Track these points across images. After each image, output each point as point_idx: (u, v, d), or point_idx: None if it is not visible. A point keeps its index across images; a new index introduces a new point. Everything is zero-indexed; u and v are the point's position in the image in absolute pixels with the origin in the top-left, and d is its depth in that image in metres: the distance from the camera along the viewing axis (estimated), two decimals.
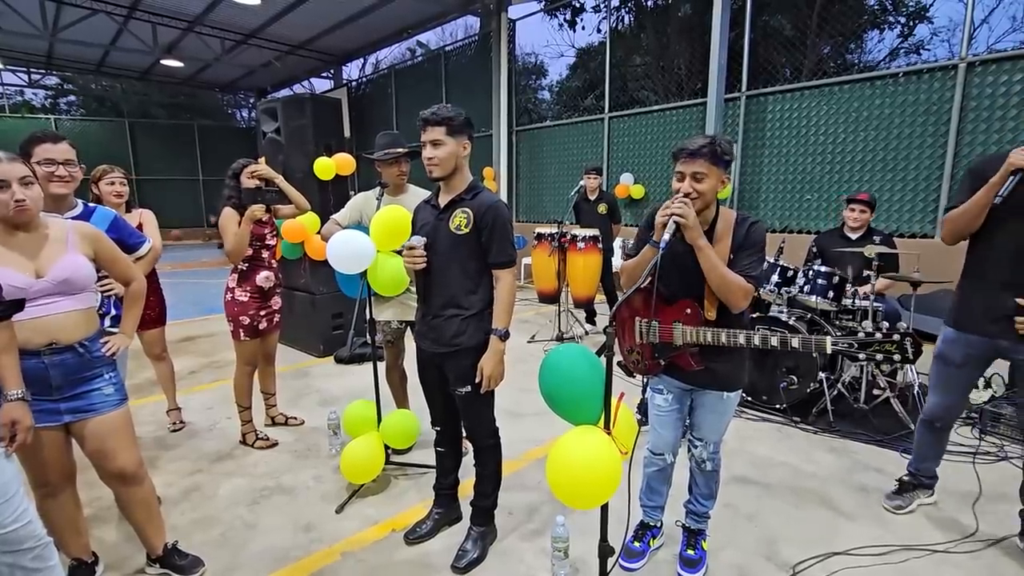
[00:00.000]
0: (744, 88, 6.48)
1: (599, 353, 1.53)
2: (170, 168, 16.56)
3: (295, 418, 3.44)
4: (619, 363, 2.18)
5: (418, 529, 2.27)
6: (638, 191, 7.52)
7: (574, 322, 5.54)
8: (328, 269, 2.56)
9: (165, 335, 3.27)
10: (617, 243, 5.95)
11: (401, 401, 3.07)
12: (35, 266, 1.64)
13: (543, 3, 9.49)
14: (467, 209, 1.95)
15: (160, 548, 2.02)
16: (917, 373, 3.47)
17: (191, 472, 2.86)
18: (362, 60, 13.75)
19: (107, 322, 2.27)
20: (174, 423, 3.37)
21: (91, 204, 2.28)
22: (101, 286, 2.17)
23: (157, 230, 2.85)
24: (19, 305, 1.54)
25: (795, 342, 1.71)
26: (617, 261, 5.72)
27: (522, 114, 9.70)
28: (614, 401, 1.55)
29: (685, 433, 2.06)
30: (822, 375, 3.30)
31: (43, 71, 15.31)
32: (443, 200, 2.01)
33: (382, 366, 2.94)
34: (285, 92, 15.61)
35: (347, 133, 11.49)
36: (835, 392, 3.39)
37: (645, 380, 1.93)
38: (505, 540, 2.25)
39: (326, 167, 4.52)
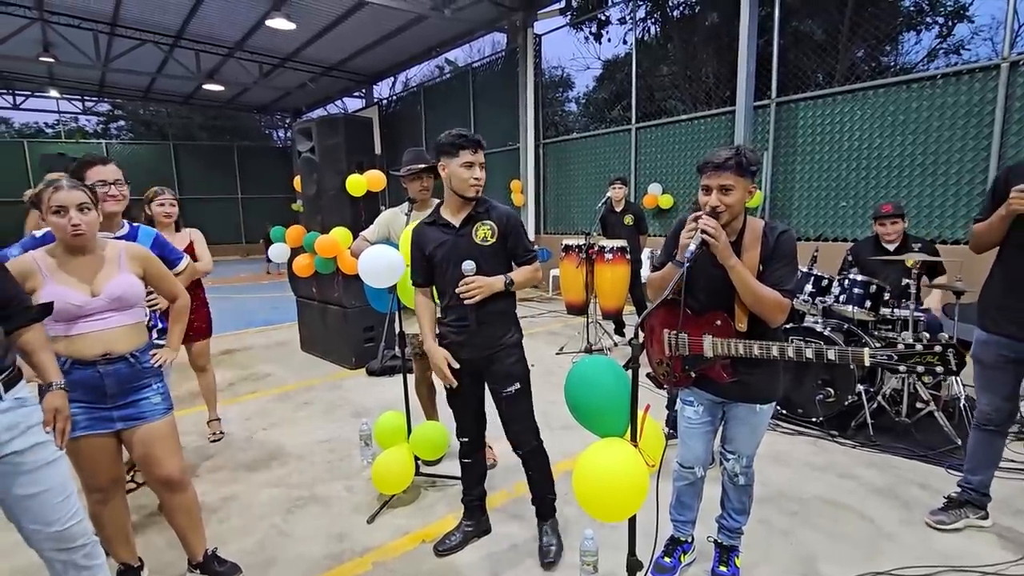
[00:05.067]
0: (774, 95, 6.37)
1: (627, 366, 1.52)
2: (211, 187, 17.27)
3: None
4: (648, 375, 2.17)
5: (448, 540, 2.29)
6: (666, 201, 7.46)
7: (603, 334, 5.51)
8: (360, 283, 2.64)
9: (210, 347, 3.42)
10: (645, 254, 5.91)
11: (430, 413, 3.12)
12: (91, 285, 1.76)
13: (568, 17, 9.58)
14: (488, 221, 2.08)
15: (201, 554, 2.09)
16: (963, 385, 3.32)
17: (229, 481, 2.95)
18: (392, 79, 14.12)
19: (154, 335, 2.39)
20: (214, 433, 3.49)
21: (134, 224, 2.41)
22: (147, 301, 2.28)
23: (206, 248, 3.04)
24: (48, 309, 1.63)
25: (831, 354, 1.65)
26: (646, 272, 5.67)
27: (549, 127, 9.75)
28: (640, 413, 1.55)
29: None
30: (860, 387, 3.19)
31: (95, 98, 16.27)
32: (457, 218, 2.09)
33: (411, 378, 2.99)
34: (319, 112, 16.14)
35: (378, 150, 11.77)
36: (875, 405, 3.27)
37: (674, 392, 1.91)
38: None
39: (358, 184, 4.65)
